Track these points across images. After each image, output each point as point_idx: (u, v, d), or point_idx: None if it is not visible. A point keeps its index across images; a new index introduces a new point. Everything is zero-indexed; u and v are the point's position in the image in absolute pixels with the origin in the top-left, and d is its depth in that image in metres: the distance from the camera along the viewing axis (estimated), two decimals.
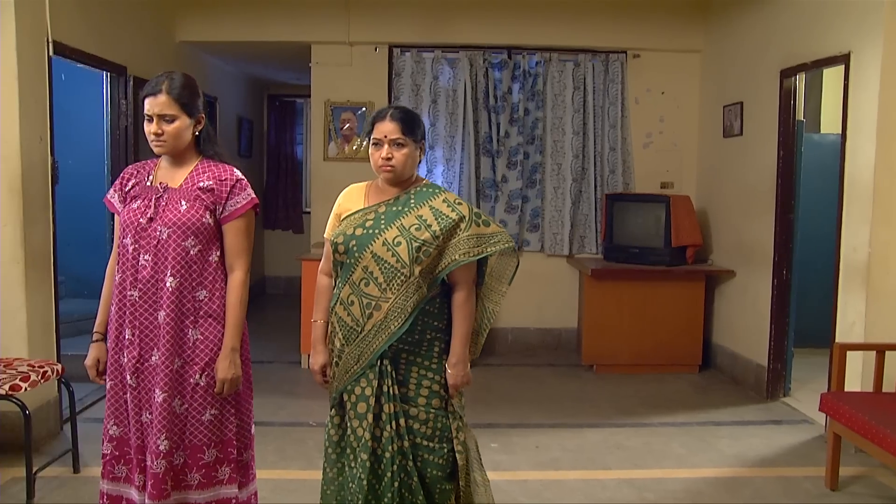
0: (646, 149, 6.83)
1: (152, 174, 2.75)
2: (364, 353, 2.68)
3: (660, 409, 5.28)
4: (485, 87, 6.66)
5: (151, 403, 2.66)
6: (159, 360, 2.63)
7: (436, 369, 2.73)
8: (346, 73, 6.66)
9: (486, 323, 2.82)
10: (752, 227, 5.73)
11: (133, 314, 2.66)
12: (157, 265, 2.63)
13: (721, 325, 6.26)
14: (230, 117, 8.25)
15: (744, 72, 5.86)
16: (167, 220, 2.63)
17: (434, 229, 2.61)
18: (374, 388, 2.67)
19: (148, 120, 2.65)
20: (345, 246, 2.69)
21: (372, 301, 2.65)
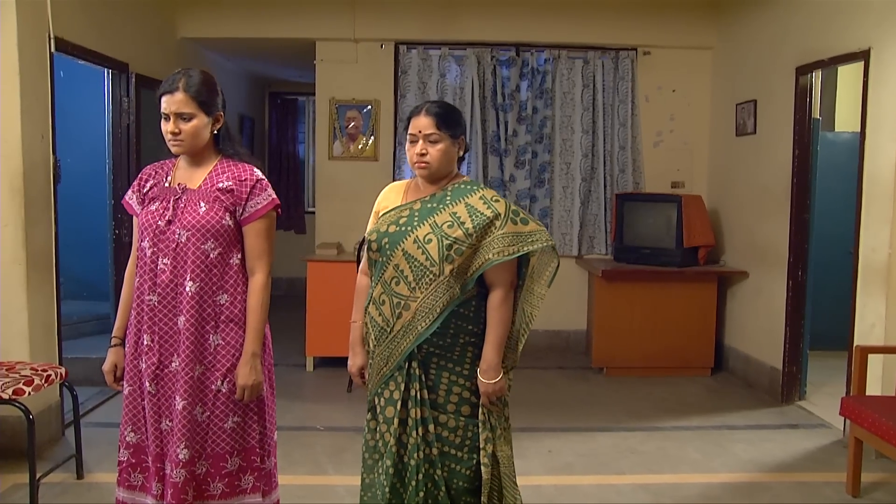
0: (656, 148, 6.79)
1: (171, 175, 2.70)
2: (393, 354, 2.63)
3: (673, 412, 5.24)
4: (492, 84, 6.62)
5: (171, 411, 2.62)
6: (180, 366, 2.59)
7: (467, 375, 2.65)
8: (351, 71, 6.62)
9: (524, 328, 2.68)
10: (765, 227, 5.69)
11: (152, 319, 2.62)
12: (176, 269, 2.60)
13: (733, 327, 6.22)
14: (231, 115, 8.14)
15: (757, 69, 5.82)
16: (186, 223, 2.59)
17: (467, 227, 2.54)
18: (401, 392, 2.62)
19: (165, 118, 2.60)
20: (378, 243, 2.66)
21: (401, 300, 2.60)
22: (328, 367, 6.14)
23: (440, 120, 2.60)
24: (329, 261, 6.11)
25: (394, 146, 6.68)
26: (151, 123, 5.68)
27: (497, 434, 2.66)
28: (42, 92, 4.38)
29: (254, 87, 9.15)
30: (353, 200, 6.57)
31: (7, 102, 4.12)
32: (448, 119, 2.62)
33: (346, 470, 4.15)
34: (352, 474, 4.08)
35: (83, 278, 6.12)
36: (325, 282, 6.02)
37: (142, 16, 5.87)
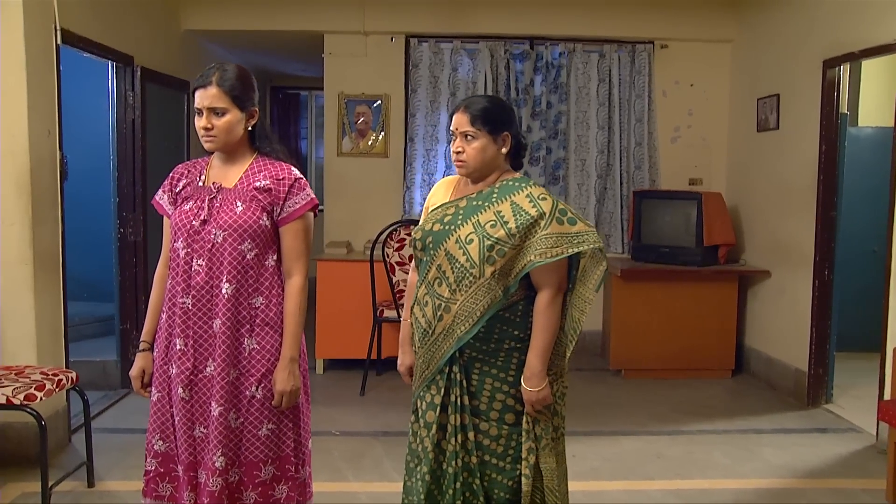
0: (673, 143, 6.75)
1: (204, 173, 2.66)
2: (434, 357, 2.60)
3: (696, 415, 5.20)
4: (506, 79, 6.57)
5: (206, 417, 2.59)
6: (215, 371, 2.56)
7: (512, 382, 2.59)
8: (360, 65, 6.57)
9: (572, 334, 2.60)
10: (789, 225, 5.65)
11: (185, 323, 2.58)
12: (211, 270, 2.56)
13: (755, 327, 6.18)
14: None
15: (781, 62, 5.78)
16: (222, 223, 2.55)
17: (510, 227, 2.49)
18: (442, 396, 2.59)
19: (198, 114, 2.56)
20: (422, 242, 2.64)
21: (442, 302, 2.56)
22: (339, 370, 6.08)
23: (476, 117, 2.56)
24: (338, 260, 6.06)
25: (404, 142, 6.63)
26: (157, 119, 5.67)
27: (542, 445, 2.60)
28: (48, 86, 4.32)
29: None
30: (363, 198, 6.51)
31: (13, 97, 4.06)
32: (487, 116, 2.57)
33: (365, 476, 4.11)
34: (372, 480, 4.06)
35: (84, 278, 6.04)
36: (335, 282, 5.97)
37: (146, 7, 5.80)
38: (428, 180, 6.66)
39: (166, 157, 5.95)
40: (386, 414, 5.13)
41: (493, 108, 2.60)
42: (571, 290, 2.60)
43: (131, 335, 5.48)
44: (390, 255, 5.58)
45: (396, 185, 6.63)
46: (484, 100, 2.63)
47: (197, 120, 2.56)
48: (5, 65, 4.03)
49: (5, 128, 4.05)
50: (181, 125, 6.25)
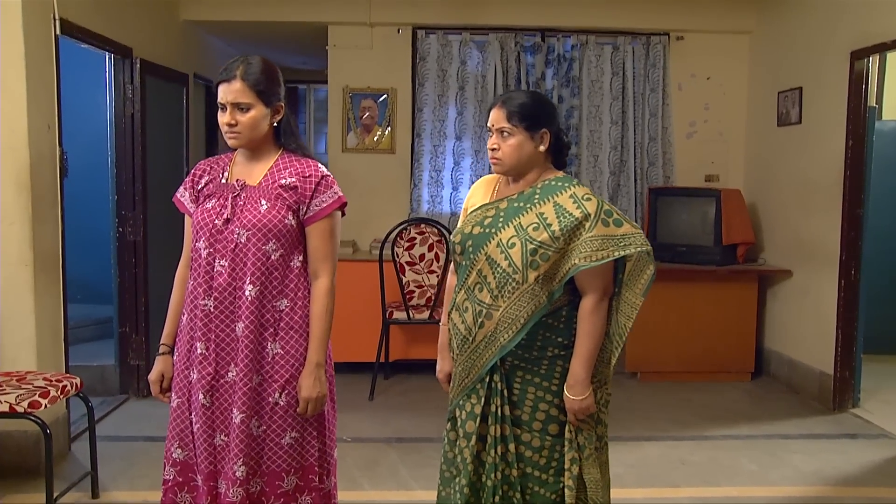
0: (689, 139, 6.69)
1: (227, 170, 2.61)
2: (475, 365, 2.56)
3: (718, 420, 5.14)
4: (516, 72, 6.49)
5: (227, 425, 2.53)
6: (237, 376, 2.51)
7: (556, 392, 2.54)
8: (366, 57, 6.48)
9: (617, 340, 2.55)
10: (812, 223, 5.59)
11: (207, 326, 2.53)
12: (234, 271, 2.51)
13: (775, 329, 6.13)
14: None
15: (804, 54, 5.72)
16: (246, 222, 2.49)
17: (554, 229, 2.44)
18: (482, 406, 2.55)
19: (221, 109, 2.50)
20: (461, 246, 2.60)
21: (483, 309, 2.52)
22: (346, 374, 5.97)
23: (514, 112, 2.52)
24: (344, 259, 5.94)
25: (412, 138, 6.55)
26: (156, 113, 5.58)
27: (585, 454, 2.55)
28: (48, 78, 4.23)
29: None
30: (369, 195, 6.43)
31: (13, 90, 3.97)
32: (524, 112, 2.52)
33: (382, 485, 4.05)
34: (390, 489, 4.00)
35: (80, 279, 5.92)
36: (340, 282, 5.76)
37: None
38: (436, 177, 6.59)
39: (166, 153, 5.87)
40: (398, 420, 5.06)
41: (532, 104, 2.55)
42: (617, 294, 2.55)
43: (130, 338, 5.39)
44: (400, 254, 5.51)
45: (403, 182, 6.54)
46: (522, 95, 2.58)
47: (220, 115, 2.50)
48: (5, 56, 3.94)
49: (5, 122, 3.95)
50: (181, 120, 6.15)
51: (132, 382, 5.45)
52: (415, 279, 5.57)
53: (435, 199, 6.60)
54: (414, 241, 5.52)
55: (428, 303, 5.61)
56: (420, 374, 6.05)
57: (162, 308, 5.63)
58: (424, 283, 5.58)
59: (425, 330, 5.91)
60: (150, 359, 5.43)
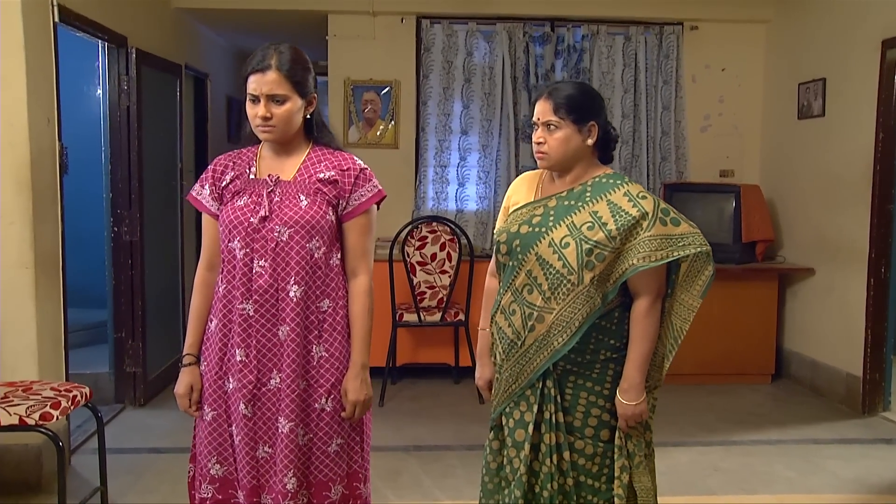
0: (703, 133, 6.66)
1: (254, 165, 2.53)
2: (524, 370, 2.53)
3: (744, 424, 5.13)
4: (525, 63, 6.44)
5: (272, 435, 2.47)
6: (282, 383, 2.45)
7: (608, 396, 2.53)
8: (368, 48, 6.40)
9: (672, 343, 2.54)
10: (837, 219, 5.59)
11: (246, 332, 2.46)
12: (276, 272, 2.44)
13: (796, 329, 6.12)
14: (220, 98, 7.93)
15: (829, 44, 5.71)
16: (287, 219, 2.44)
17: (610, 228, 2.42)
18: (534, 414, 2.52)
19: (252, 100, 2.42)
20: (507, 246, 2.56)
21: (534, 311, 2.50)
22: None
23: (561, 104, 2.48)
24: None
25: (416, 132, 6.49)
26: (152, 106, 5.46)
27: (635, 462, 2.55)
28: (47, 68, 4.12)
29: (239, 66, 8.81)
30: None
31: (12, 81, 3.86)
32: (572, 104, 2.49)
33: (407, 495, 4.00)
34: (415, 500, 3.95)
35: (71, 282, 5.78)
36: None
37: None
38: (441, 173, 6.52)
39: (162, 149, 5.76)
40: (413, 427, 5.00)
41: (580, 95, 2.52)
42: (670, 295, 2.54)
43: (126, 344, 5.27)
44: (411, 254, 5.44)
45: (408, 178, 6.47)
46: (570, 86, 2.55)
47: (250, 107, 2.43)
48: (4, 45, 3.82)
49: (4, 116, 3.84)
50: (175, 114, 6.04)
51: (128, 391, 5.34)
52: (426, 279, 5.50)
53: (440, 196, 6.53)
54: (425, 239, 5.45)
55: (440, 304, 5.54)
56: (427, 378, 6.00)
57: (159, 312, 5.67)
58: (436, 284, 5.52)
59: (435, 333, 5.85)
60: (147, 366, 5.34)
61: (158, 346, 5.60)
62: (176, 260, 6.06)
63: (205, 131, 7.29)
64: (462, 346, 5.89)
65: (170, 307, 5.95)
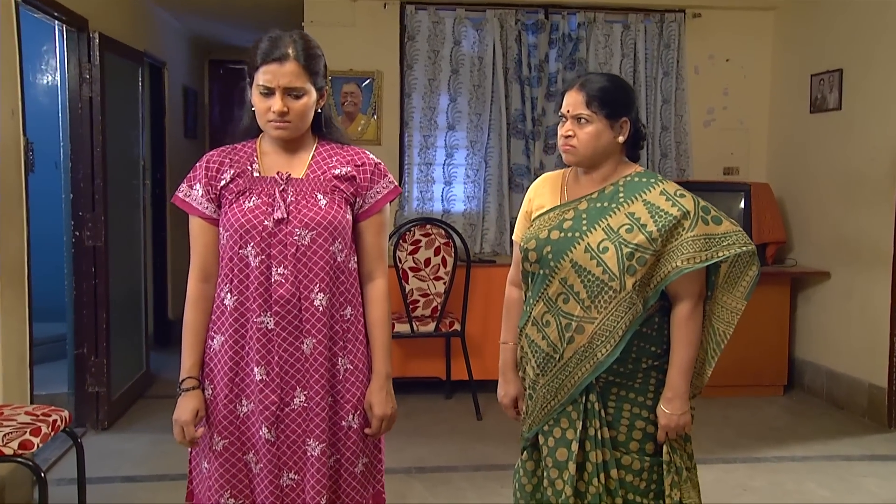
0: (706, 128, 6.67)
1: (256, 162, 2.42)
2: (564, 385, 2.52)
3: (765, 439, 5.11)
4: (517, 53, 6.39)
5: (298, 460, 2.40)
6: (309, 401, 2.38)
7: (651, 406, 2.53)
8: (347, 36, 6.28)
9: (715, 348, 2.56)
10: (857, 219, 5.59)
11: (266, 347, 2.36)
12: (298, 279, 2.36)
13: (809, 337, 6.12)
14: (177, 89, 7.71)
15: (845, 32, 5.71)
16: (308, 220, 2.35)
17: (650, 230, 2.42)
18: (577, 431, 2.51)
19: (264, 93, 2.31)
20: (537, 253, 2.55)
21: (572, 322, 2.49)
22: None
23: (594, 97, 2.48)
24: None
25: (400, 126, 6.40)
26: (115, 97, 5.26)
27: (683, 477, 2.55)
28: (9, 54, 3.94)
29: (194, 54, 8.64)
30: None
31: None
32: (606, 97, 2.49)
33: None
34: None
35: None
36: None
37: None
38: (426, 172, 6.43)
39: (124, 144, 5.56)
40: (412, 446, 4.88)
41: (614, 88, 2.53)
42: (710, 298, 2.55)
43: (88, 361, 5.06)
44: (403, 259, 5.32)
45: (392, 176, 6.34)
46: (603, 78, 2.55)
47: (260, 100, 2.31)
48: None
49: None
50: (136, 106, 5.84)
51: (90, 413, 5.12)
52: (419, 287, 5.39)
53: (425, 196, 6.45)
54: (419, 243, 5.34)
55: (434, 313, 5.43)
56: (417, 393, 5.88)
57: (124, 325, 5.45)
58: (430, 292, 5.40)
59: (426, 344, 5.73)
60: (111, 385, 5.15)
61: (122, 362, 5.41)
62: (139, 267, 5.87)
63: (162, 125, 7.09)
64: (455, 358, 5.78)
65: (134, 319, 5.75)
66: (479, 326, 5.73)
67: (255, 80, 2.31)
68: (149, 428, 5.17)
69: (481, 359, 5.72)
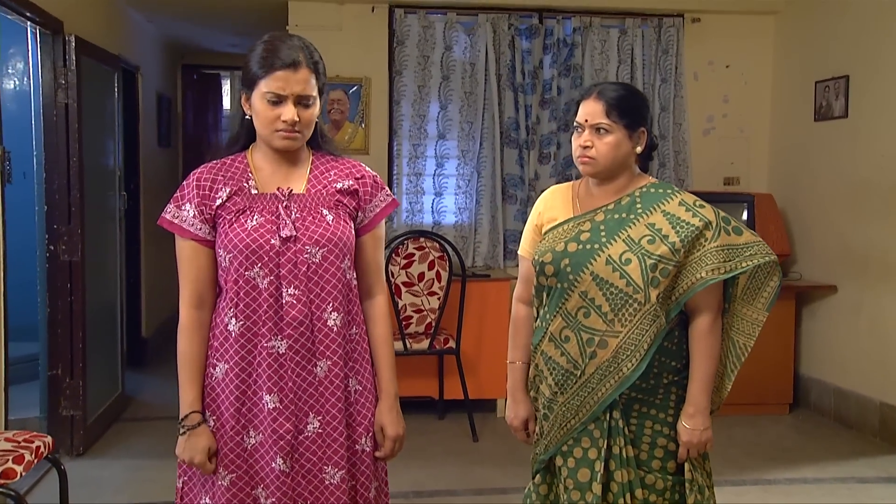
0: (706, 136, 6.67)
1: (251, 177, 2.36)
2: (585, 402, 2.54)
3: (774, 460, 5.07)
4: (510, 59, 6.36)
5: (315, 490, 2.36)
6: (327, 426, 2.36)
7: (672, 423, 2.58)
8: (334, 40, 6.22)
9: (735, 362, 2.64)
10: (865, 230, 5.58)
11: (278, 373, 2.32)
12: (311, 299, 2.33)
13: (816, 353, 6.10)
14: (151, 95, 7.59)
15: (851, 37, 5.72)
16: (318, 237, 2.33)
17: (673, 241, 2.47)
18: (600, 450, 2.53)
19: (274, 102, 2.26)
20: (554, 266, 2.57)
21: (595, 336, 2.52)
22: None
23: (613, 106, 2.51)
24: None
25: (389, 135, 6.35)
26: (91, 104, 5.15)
27: (706, 496, 2.59)
28: None
29: (167, 58, 8.53)
30: None
31: None
32: (625, 106, 2.52)
33: None
34: None
35: None
36: None
37: None
38: (415, 182, 6.38)
39: (100, 154, 5.47)
40: (408, 470, 4.77)
41: (632, 97, 2.57)
42: (727, 311, 2.61)
43: (63, 383, 4.94)
44: (396, 273, 5.25)
45: None
46: (619, 87, 2.60)
47: (268, 109, 2.26)
48: None
49: None
50: (113, 113, 5.74)
51: (65, 438, 4.98)
52: (413, 302, 5.32)
53: (415, 208, 6.40)
54: (412, 257, 5.27)
55: (428, 330, 5.37)
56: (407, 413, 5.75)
57: (100, 345, 5.34)
58: (424, 307, 5.34)
59: (419, 362, 5.65)
60: (86, 408, 5.03)
61: (98, 384, 5.29)
62: (115, 283, 5.75)
63: (135, 133, 6.98)
64: (449, 376, 5.72)
65: (109, 338, 5.64)
66: (473, 343, 5.67)
67: (257, 88, 2.25)
68: (127, 453, 5.07)
69: (476, 377, 5.67)
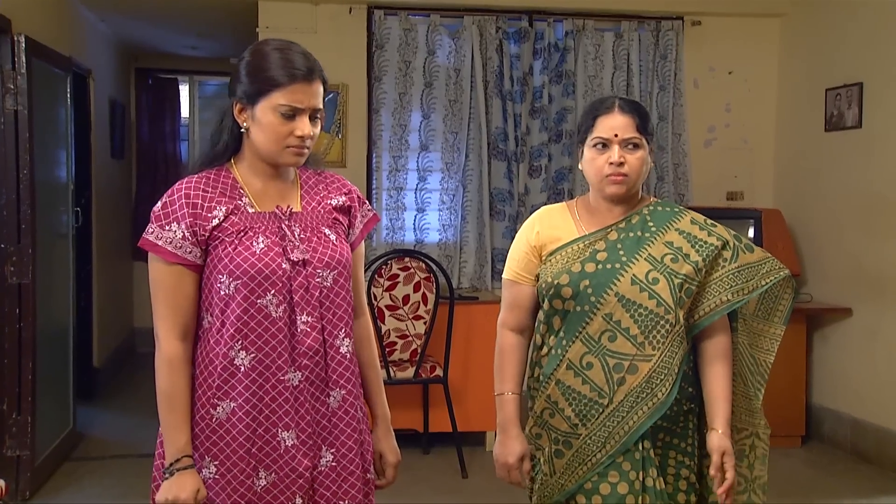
0: (707, 148, 6.66)
1: (244, 195, 2.32)
2: (615, 433, 2.52)
3: (791, 496, 5.02)
4: (498, 65, 6.32)
5: None
6: (343, 459, 2.36)
7: (691, 453, 2.63)
8: (308, 44, 5.72)
9: (759, 380, 2.68)
10: (880, 249, 5.55)
11: (293, 407, 2.29)
12: (324, 326, 2.33)
13: (830, 381, 6.05)
14: (103, 102, 7.42)
15: (864, 41, 5.70)
16: (327, 259, 2.33)
17: (695, 260, 2.53)
18: (631, 483, 2.51)
19: (288, 116, 2.23)
20: (573, 288, 2.56)
21: (623, 361, 2.52)
22: None
23: (641, 119, 2.56)
24: None
25: (367, 147, 6.29)
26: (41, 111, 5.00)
27: None
28: None
29: (119, 62, 8.36)
30: None
31: None
32: (647, 119, 2.60)
33: None
34: None
35: None
36: None
37: None
38: (396, 198, 6.30)
39: (51, 166, 5.31)
40: None
41: (646, 111, 2.64)
42: (736, 329, 2.67)
43: (9, 420, 4.77)
44: (379, 296, 5.14)
45: None
46: (631, 100, 2.66)
47: (282, 124, 2.23)
48: None
49: None
50: (65, 121, 5.59)
51: (9, 481, 4.80)
52: (397, 327, 5.22)
53: (395, 225, 6.32)
54: (396, 278, 5.16)
55: (413, 357, 5.28)
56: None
57: (50, 377, 5.16)
58: (409, 333, 5.25)
59: (402, 392, 5.52)
60: (35, 448, 4.86)
61: (47, 420, 5.12)
62: (66, 308, 5.59)
63: (87, 143, 6.80)
64: (435, 408, 5.61)
65: (60, 369, 5.47)
66: (460, 372, 5.56)
67: (267, 99, 2.21)
68: (79, 495, 4.94)
69: (463, 408, 5.56)
